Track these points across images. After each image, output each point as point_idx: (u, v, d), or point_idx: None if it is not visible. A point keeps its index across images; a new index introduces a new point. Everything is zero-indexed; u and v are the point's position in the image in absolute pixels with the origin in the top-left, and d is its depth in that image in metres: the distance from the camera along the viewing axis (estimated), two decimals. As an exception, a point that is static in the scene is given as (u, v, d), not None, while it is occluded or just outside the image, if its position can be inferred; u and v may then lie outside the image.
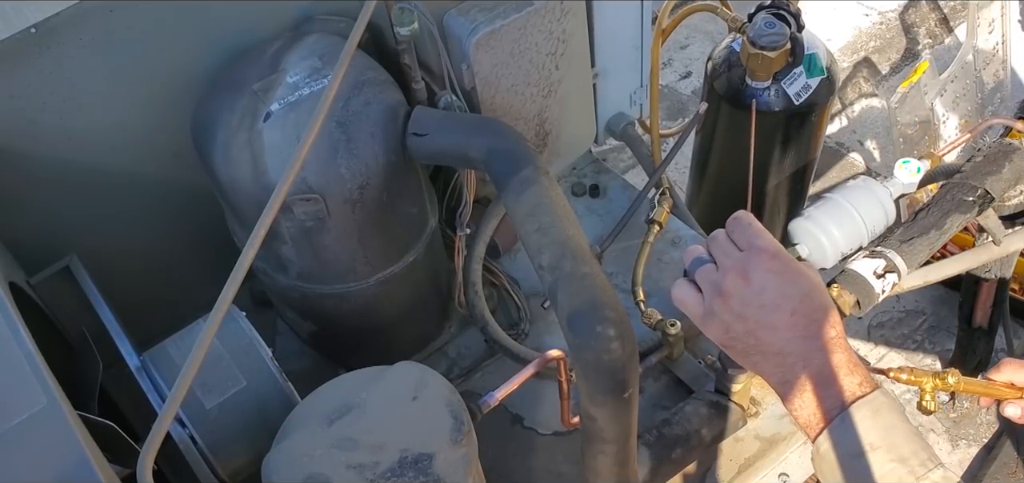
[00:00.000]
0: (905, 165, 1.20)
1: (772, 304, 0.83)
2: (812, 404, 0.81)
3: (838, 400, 0.80)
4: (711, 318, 0.87)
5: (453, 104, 1.22)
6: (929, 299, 2.70)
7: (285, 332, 1.43)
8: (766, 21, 1.68)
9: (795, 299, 0.83)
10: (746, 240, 0.86)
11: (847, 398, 0.79)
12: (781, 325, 0.82)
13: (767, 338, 0.83)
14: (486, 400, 0.97)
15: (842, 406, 0.79)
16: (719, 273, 0.86)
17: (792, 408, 0.83)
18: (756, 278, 0.83)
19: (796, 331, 0.82)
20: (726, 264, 0.86)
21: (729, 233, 0.88)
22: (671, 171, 1.55)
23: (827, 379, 0.81)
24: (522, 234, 0.93)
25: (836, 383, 0.80)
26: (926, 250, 1.27)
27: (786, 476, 1.24)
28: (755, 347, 0.85)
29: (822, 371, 0.81)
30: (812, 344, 0.82)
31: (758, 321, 0.83)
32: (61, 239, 1.15)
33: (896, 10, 3.74)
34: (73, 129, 1.14)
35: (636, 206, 1.48)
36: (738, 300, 0.84)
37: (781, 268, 0.84)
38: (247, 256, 0.83)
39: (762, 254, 0.84)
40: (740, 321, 0.84)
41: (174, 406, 0.75)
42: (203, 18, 1.15)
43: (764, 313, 0.83)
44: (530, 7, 1.25)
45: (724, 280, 0.85)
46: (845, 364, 0.81)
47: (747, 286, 0.83)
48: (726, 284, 0.84)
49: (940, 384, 1.01)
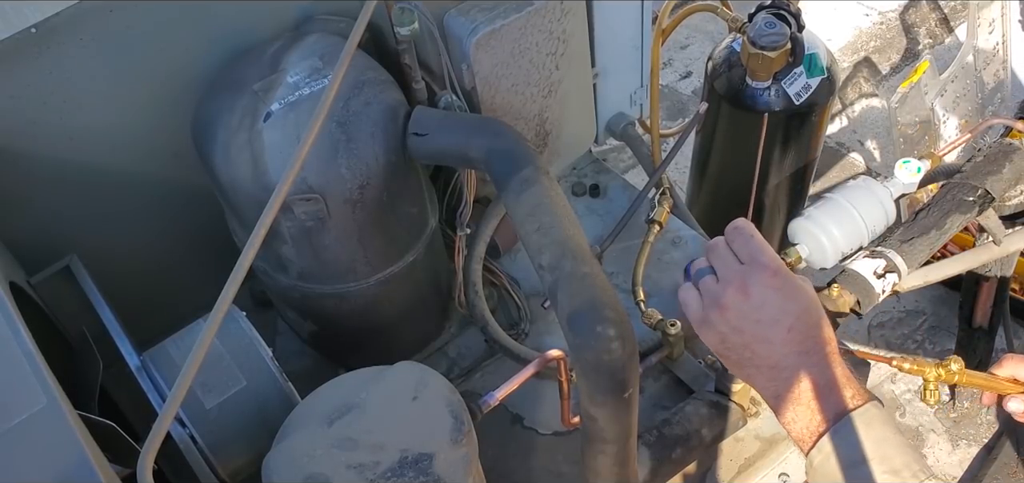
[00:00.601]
0: (905, 165, 1.20)
1: (769, 319, 0.84)
2: (805, 417, 0.82)
3: (831, 413, 0.81)
4: (708, 327, 0.88)
5: (453, 104, 1.22)
6: (929, 299, 2.70)
7: (285, 332, 1.43)
8: (766, 21, 1.68)
9: (792, 315, 0.84)
10: (748, 253, 0.87)
11: (840, 410, 0.80)
12: (777, 339, 0.84)
13: (762, 351, 0.85)
14: (486, 400, 0.97)
15: (835, 418, 0.80)
16: (719, 285, 0.87)
17: (785, 421, 0.85)
18: (756, 293, 0.84)
19: (791, 347, 0.83)
20: (727, 276, 0.87)
21: (729, 242, 0.89)
22: (671, 171, 1.55)
23: (820, 392, 0.82)
24: (522, 234, 0.93)
25: (829, 396, 0.82)
26: (926, 250, 1.27)
27: (786, 476, 1.24)
28: (750, 359, 0.86)
29: (816, 384, 0.82)
30: (806, 358, 0.83)
31: (754, 335, 0.85)
32: (61, 239, 1.15)
33: (896, 10, 3.74)
34: (73, 129, 1.14)
35: (636, 206, 1.48)
36: (735, 313, 0.85)
37: (781, 284, 0.85)
38: (247, 256, 0.83)
39: (764, 270, 0.85)
40: (736, 334, 0.86)
41: (174, 406, 0.75)
42: (203, 18, 1.15)
43: (761, 328, 0.84)
44: (530, 7, 1.25)
45: (724, 293, 0.86)
46: (838, 378, 0.82)
47: (746, 300, 0.85)
48: (725, 297, 0.86)
49: (943, 374, 1.02)
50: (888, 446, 0.78)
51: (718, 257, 0.89)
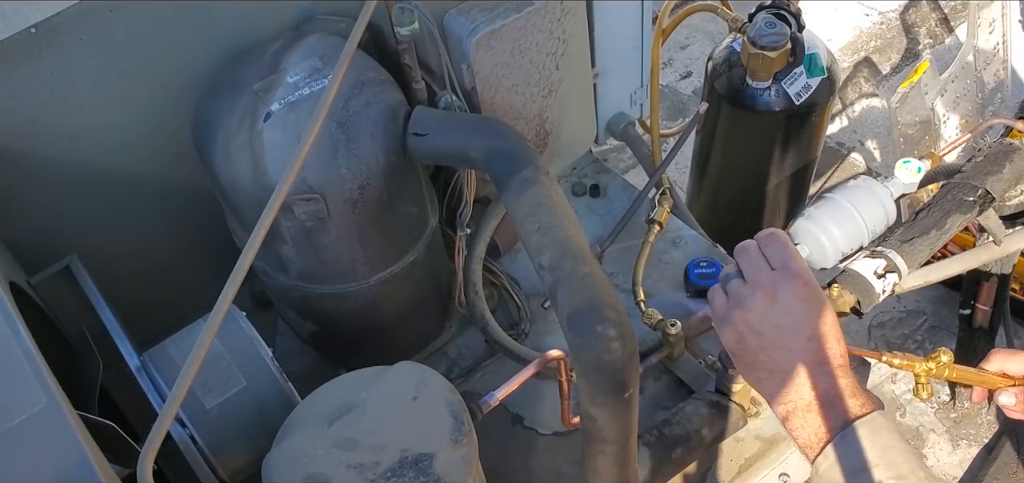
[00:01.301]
0: (905, 165, 1.20)
1: (792, 326, 0.85)
2: (813, 424, 0.83)
3: (839, 421, 0.82)
4: (728, 325, 0.89)
5: (453, 104, 1.22)
6: (929, 299, 2.70)
7: (285, 332, 1.43)
8: (766, 21, 1.68)
9: (814, 325, 0.85)
10: (781, 260, 0.88)
11: (847, 419, 0.82)
12: (796, 347, 0.85)
13: (779, 357, 0.85)
14: (486, 400, 0.97)
15: (842, 426, 0.81)
16: (747, 287, 0.88)
17: (792, 427, 0.85)
18: (783, 299, 0.85)
19: (808, 356, 0.84)
20: (757, 279, 0.88)
21: (762, 247, 0.90)
22: (671, 171, 1.55)
23: (830, 401, 0.83)
24: (522, 234, 0.93)
25: (838, 405, 0.83)
26: (926, 250, 1.27)
27: (786, 476, 1.24)
28: (764, 363, 0.87)
29: (826, 394, 0.83)
30: (820, 368, 0.84)
31: (773, 340, 0.86)
32: (61, 239, 1.15)
33: (896, 10, 3.74)
34: (73, 129, 1.14)
35: (636, 206, 1.48)
36: (759, 316, 0.86)
37: (809, 295, 0.86)
38: (247, 256, 0.83)
39: (794, 279, 0.86)
40: (755, 335, 0.87)
41: (174, 406, 0.75)
42: (203, 18, 1.15)
43: (782, 334, 0.85)
44: (530, 7, 1.25)
45: (752, 295, 0.87)
46: (848, 387, 0.84)
47: (772, 305, 0.86)
48: (752, 299, 0.87)
49: (934, 368, 1.02)
50: (894, 453, 0.79)
51: (749, 260, 0.90)
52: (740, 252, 0.91)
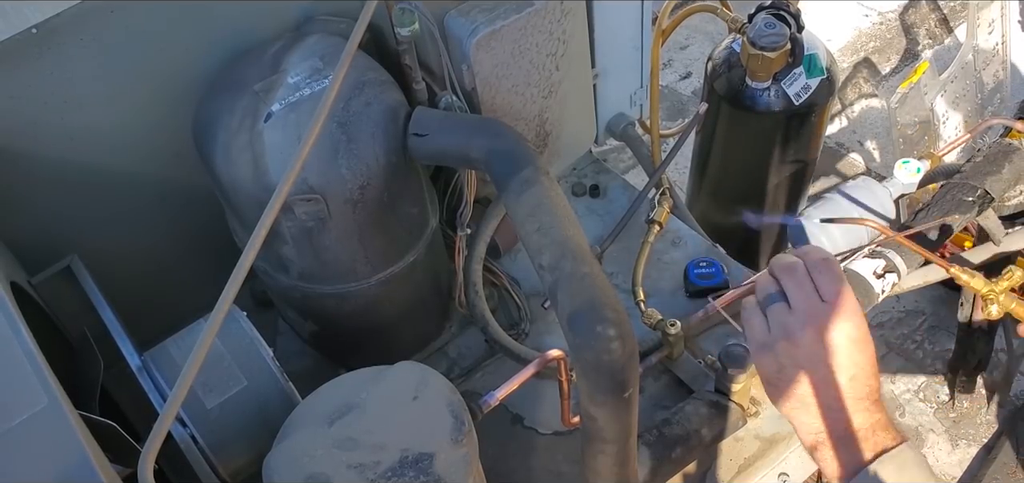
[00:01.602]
0: (905, 165, 1.21)
1: (838, 366, 0.83)
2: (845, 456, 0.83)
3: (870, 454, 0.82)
4: (769, 354, 0.86)
5: (454, 105, 1.22)
6: (929, 299, 2.70)
7: (286, 332, 1.43)
8: (766, 22, 1.68)
9: (858, 366, 0.83)
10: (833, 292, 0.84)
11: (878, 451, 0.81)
12: (837, 385, 0.83)
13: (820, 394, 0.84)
14: (486, 400, 0.97)
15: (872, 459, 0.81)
16: (794, 317, 0.84)
17: (820, 457, 0.85)
18: (833, 340, 0.83)
19: (849, 393, 0.83)
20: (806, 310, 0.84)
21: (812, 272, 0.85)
22: (671, 171, 1.55)
23: (862, 435, 0.82)
24: (522, 234, 0.93)
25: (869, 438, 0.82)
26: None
27: (786, 476, 1.24)
28: (801, 396, 0.85)
29: (860, 428, 0.83)
30: (858, 404, 0.83)
31: (816, 376, 0.83)
32: (62, 239, 1.15)
33: (896, 10, 3.74)
34: (74, 129, 1.14)
35: (636, 206, 1.48)
36: (806, 353, 0.83)
37: (859, 337, 0.83)
38: (248, 256, 0.83)
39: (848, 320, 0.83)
40: (796, 369, 0.84)
41: (175, 406, 0.76)
42: (204, 18, 1.16)
43: (825, 371, 0.83)
44: (530, 8, 1.25)
45: (801, 331, 0.83)
46: (881, 422, 0.83)
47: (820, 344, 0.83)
48: (801, 335, 0.83)
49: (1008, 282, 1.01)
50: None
51: (798, 286, 0.85)
52: (785, 271, 0.86)
